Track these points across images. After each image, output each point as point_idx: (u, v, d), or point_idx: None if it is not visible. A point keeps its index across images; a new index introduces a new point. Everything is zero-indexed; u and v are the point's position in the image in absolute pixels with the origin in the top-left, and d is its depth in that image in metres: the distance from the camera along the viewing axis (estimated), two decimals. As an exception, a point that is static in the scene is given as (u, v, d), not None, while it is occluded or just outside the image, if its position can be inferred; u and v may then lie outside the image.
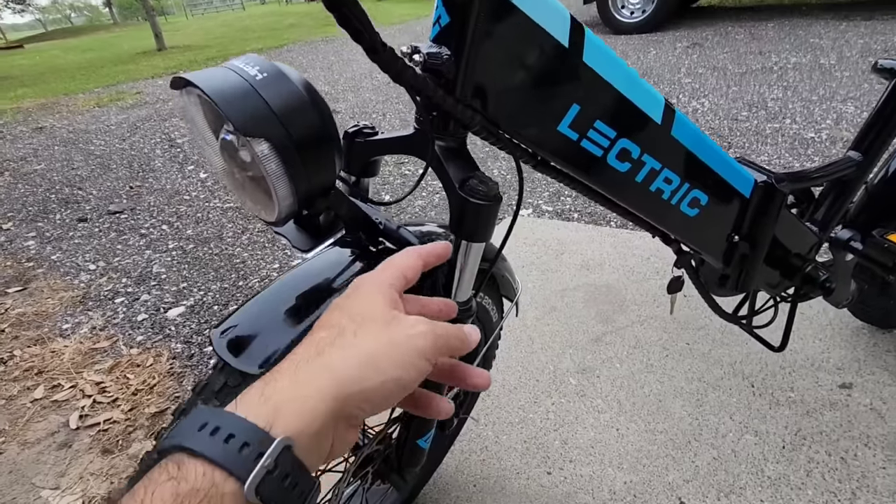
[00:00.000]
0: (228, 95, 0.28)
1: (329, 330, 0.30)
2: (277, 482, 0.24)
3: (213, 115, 0.30)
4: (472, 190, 0.44)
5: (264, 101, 0.29)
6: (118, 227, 2.29)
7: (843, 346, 1.12)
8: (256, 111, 0.28)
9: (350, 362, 0.28)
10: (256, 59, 0.31)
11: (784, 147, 2.20)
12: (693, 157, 0.59)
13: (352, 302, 0.32)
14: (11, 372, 1.43)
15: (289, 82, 0.30)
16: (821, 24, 4.33)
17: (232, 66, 0.30)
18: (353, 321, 0.30)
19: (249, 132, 0.28)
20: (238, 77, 0.29)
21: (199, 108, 0.31)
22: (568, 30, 0.45)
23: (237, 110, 0.28)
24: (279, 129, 0.29)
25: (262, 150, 0.29)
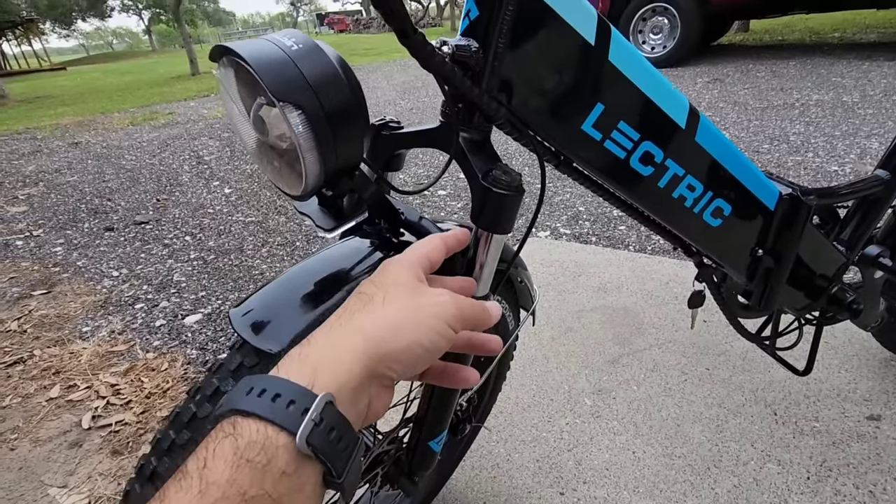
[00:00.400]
0: (265, 62, 0.29)
1: (359, 297, 0.33)
2: (324, 434, 0.26)
3: (248, 86, 0.31)
4: (496, 180, 0.44)
5: (299, 70, 0.30)
6: (143, 236, 2.35)
7: (870, 377, 1.08)
8: (291, 79, 0.29)
9: (379, 325, 0.30)
10: (295, 32, 0.33)
11: (806, 179, 2.18)
12: (717, 164, 0.59)
13: (380, 277, 0.35)
14: (30, 371, 1.45)
15: (324, 56, 0.32)
16: (843, 64, 4.34)
17: (270, 38, 0.31)
18: (381, 290, 0.32)
19: (284, 98, 0.29)
20: (275, 47, 0.30)
21: (232, 79, 0.32)
22: (595, 28, 0.46)
23: (273, 76, 0.29)
24: (312, 99, 0.30)
25: (294, 118, 0.30)
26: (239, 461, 0.24)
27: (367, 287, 0.33)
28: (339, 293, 0.45)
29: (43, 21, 32.08)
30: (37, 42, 22.65)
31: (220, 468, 0.24)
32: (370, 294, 0.32)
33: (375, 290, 0.32)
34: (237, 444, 0.24)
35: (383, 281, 0.33)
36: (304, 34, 0.32)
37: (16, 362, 1.49)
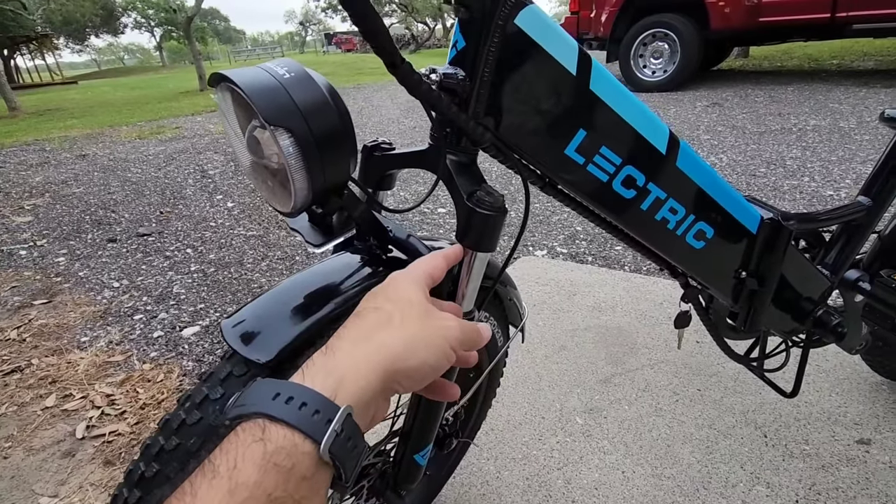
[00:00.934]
0: (258, 89, 0.31)
1: (377, 314, 0.35)
2: (343, 443, 0.28)
3: (243, 109, 0.33)
4: (479, 201, 0.46)
5: (290, 97, 0.32)
6: (145, 248, 2.38)
7: (861, 400, 1.08)
8: (282, 105, 0.32)
9: (398, 342, 0.33)
10: (288, 61, 0.35)
11: (802, 203, 2.20)
12: (698, 189, 0.61)
13: (393, 291, 0.37)
14: (27, 380, 1.46)
15: (314, 83, 0.34)
16: (840, 90, 4.40)
17: (264, 67, 0.34)
18: (398, 308, 0.35)
19: (274, 122, 0.31)
20: (268, 75, 0.33)
21: (231, 102, 0.34)
22: (576, 59, 0.48)
23: (265, 102, 0.31)
24: (302, 123, 0.32)
25: (284, 140, 0.32)
26: (266, 465, 0.26)
27: (383, 303, 0.36)
28: (329, 306, 0.47)
29: (57, 36, 32.78)
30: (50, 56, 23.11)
31: (249, 470, 0.25)
32: (388, 312, 0.34)
33: (392, 308, 0.35)
34: (266, 449, 0.26)
35: (398, 298, 0.36)
36: (296, 63, 0.35)
37: (13, 371, 1.50)
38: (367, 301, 0.37)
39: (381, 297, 0.37)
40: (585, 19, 5.58)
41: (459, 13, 0.44)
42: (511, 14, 0.44)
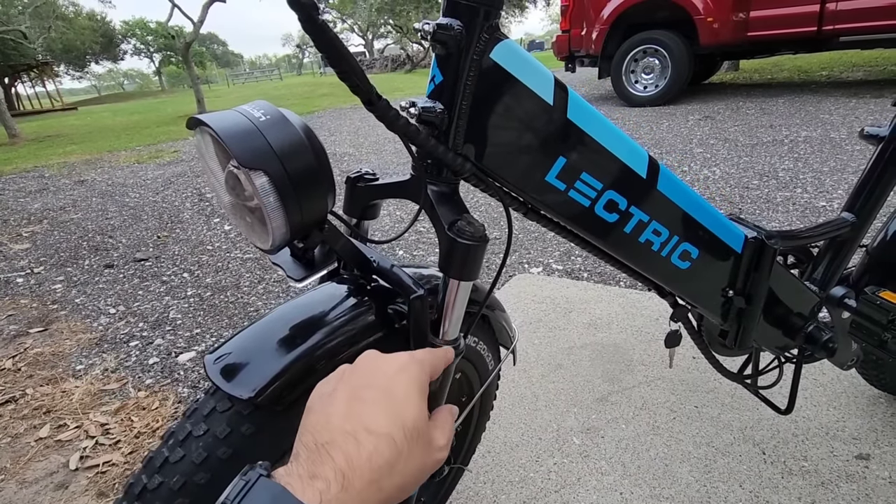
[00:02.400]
0: (234, 133, 0.32)
1: (391, 449, 0.31)
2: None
3: (221, 150, 0.34)
4: (460, 231, 0.47)
5: (265, 139, 0.33)
6: (142, 273, 2.38)
7: (859, 414, 1.08)
8: (258, 148, 0.32)
9: (395, 486, 0.31)
10: (264, 104, 0.36)
11: (795, 214, 2.21)
12: (681, 211, 0.61)
13: (405, 408, 0.33)
14: (21, 410, 1.45)
15: (289, 125, 0.35)
16: (830, 101, 4.46)
17: (240, 110, 0.35)
18: (407, 440, 0.32)
19: (249, 165, 0.32)
20: (244, 118, 0.34)
21: (210, 145, 0.35)
22: (553, 89, 0.49)
23: (241, 146, 0.32)
24: (277, 165, 0.33)
25: (260, 182, 0.33)
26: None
27: (395, 429, 0.32)
28: (314, 338, 0.47)
29: (57, 64, 33.23)
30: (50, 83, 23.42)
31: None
32: (398, 449, 0.31)
33: (402, 439, 0.32)
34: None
35: (408, 420, 0.33)
36: (272, 106, 0.36)
37: (8, 401, 1.49)
38: (384, 415, 0.32)
39: (392, 412, 0.33)
40: (577, 37, 5.67)
41: (436, 49, 0.45)
42: (486, 49, 0.45)
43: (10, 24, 12.03)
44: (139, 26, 52.18)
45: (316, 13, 0.34)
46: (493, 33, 0.45)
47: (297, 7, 0.33)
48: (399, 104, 0.50)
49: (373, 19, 31.26)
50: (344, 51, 0.36)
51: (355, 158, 4.44)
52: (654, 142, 3.80)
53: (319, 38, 0.34)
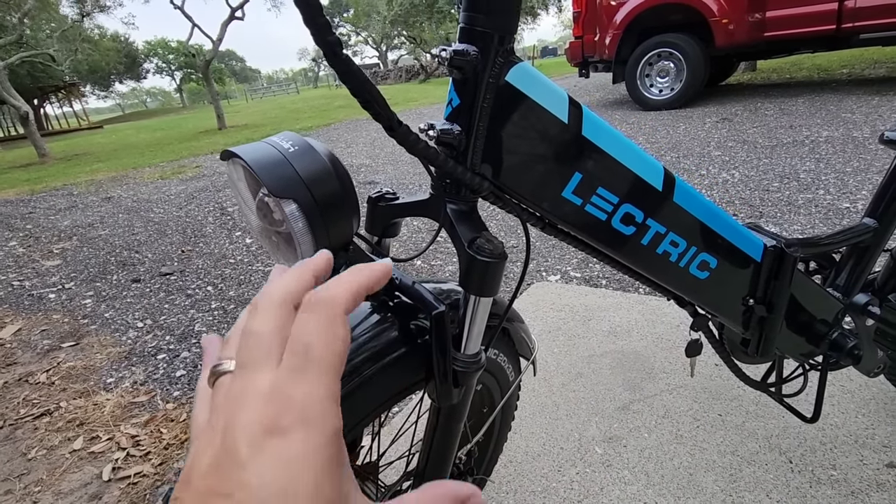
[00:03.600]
0: (265, 164, 0.34)
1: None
2: None
3: (252, 180, 0.36)
4: (480, 248, 0.48)
5: (294, 169, 0.35)
6: (168, 287, 2.44)
7: (889, 422, 1.05)
8: (287, 177, 0.35)
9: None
10: (291, 135, 0.38)
11: (818, 217, 2.17)
12: (697, 221, 0.62)
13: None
14: (56, 423, 1.50)
15: (316, 154, 0.37)
16: (852, 100, 4.37)
17: (270, 141, 0.37)
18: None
19: (280, 194, 0.34)
20: (274, 149, 0.36)
21: (241, 175, 0.37)
22: (567, 108, 0.50)
23: (271, 176, 0.34)
24: (305, 193, 0.35)
25: (290, 209, 0.35)
26: None
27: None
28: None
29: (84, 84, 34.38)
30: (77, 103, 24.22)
31: None
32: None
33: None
34: None
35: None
36: (299, 136, 0.38)
37: (43, 414, 1.55)
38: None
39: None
40: (590, 43, 5.67)
41: (453, 74, 0.47)
42: (502, 72, 0.47)
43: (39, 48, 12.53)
44: (161, 46, 53.78)
45: (340, 49, 0.36)
46: (507, 57, 0.47)
47: (324, 44, 0.35)
48: (418, 126, 0.52)
49: (387, 31, 31.67)
50: (366, 81, 0.38)
51: (372, 169, 4.50)
52: (670, 145, 3.77)
53: (344, 71, 0.37)
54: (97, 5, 15.72)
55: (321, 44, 0.35)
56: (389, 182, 3.97)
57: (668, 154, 3.56)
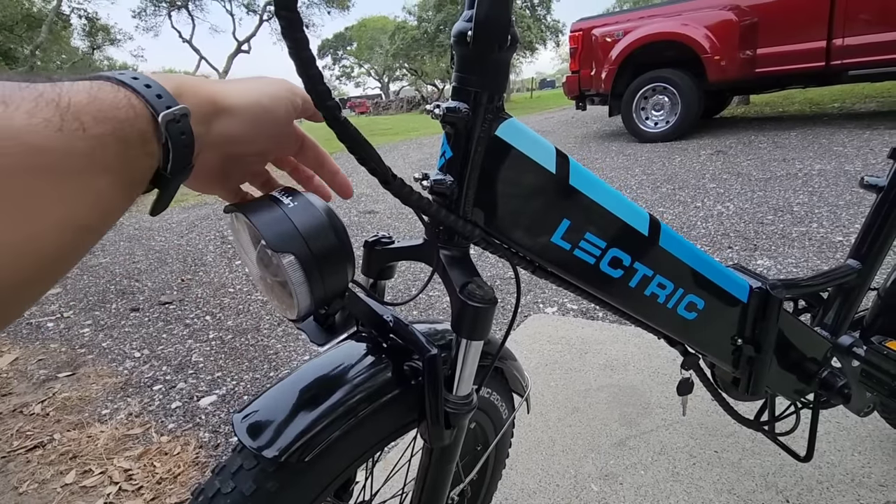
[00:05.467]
0: (265, 220, 0.37)
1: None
2: (178, 132, 0.30)
3: (253, 233, 0.39)
4: (471, 294, 0.50)
5: (293, 224, 0.37)
6: (166, 316, 2.45)
7: (885, 460, 1.05)
8: (285, 232, 0.37)
9: (229, 86, 0.37)
10: (291, 190, 0.40)
11: (812, 250, 2.20)
12: (683, 264, 0.64)
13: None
14: (48, 455, 1.49)
15: (313, 209, 0.39)
16: (844, 133, 4.46)
17: (270, 196, 0.39)
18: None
19: (278, 248, 0.36)
20: (273, 204, 0.38)
21: (243, 227, 0.40)
22: (554, 159, 0.53)
23: (271, 231, 0.36)
24: (303, 247, 0.37)
25: (288, 262, 0.37)
26: (102, 104, 0.26)
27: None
28: (335, 396, 0.50)
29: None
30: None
31: (81, 95, 0.26)
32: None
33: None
34: (109, 94, 0.27)
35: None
36: (299, 192, 0.40)
37: (36, 446, 1.53)
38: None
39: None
40: (586, 77, 5.82)
41: (446, 129, 0.50)
42: (492, 127, 0.49)
43: (48, 79, 12.82)
44: (167, 76, 54.90)
45: (339, 112, 0.38)
46: (497, 113, 0.50)
47: (324, 109, 0.37)
48: (413, 176, 0.54)
49: (389, 64, 32.49)
50: (363, 140, 0.41)
51: (372, 198, 4.55)
52: (666, 177, 3.83)
53: (342, 132, 0.39)
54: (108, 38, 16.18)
55: (321, 109, 0.37)
56: (389, 211, 4.02)
57: (664, 186, 3.61)
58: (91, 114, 0.26)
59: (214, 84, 0.36)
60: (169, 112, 0.29)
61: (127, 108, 0.28)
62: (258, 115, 0.37)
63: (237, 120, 0.36)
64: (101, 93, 0.27)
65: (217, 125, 0.35)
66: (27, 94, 0.24)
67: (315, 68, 0.35)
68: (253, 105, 0.37)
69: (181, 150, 0.30)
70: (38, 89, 0.25)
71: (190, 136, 0.31)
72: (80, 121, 0.25)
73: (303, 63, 0.34)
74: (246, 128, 0.37)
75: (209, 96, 0.34)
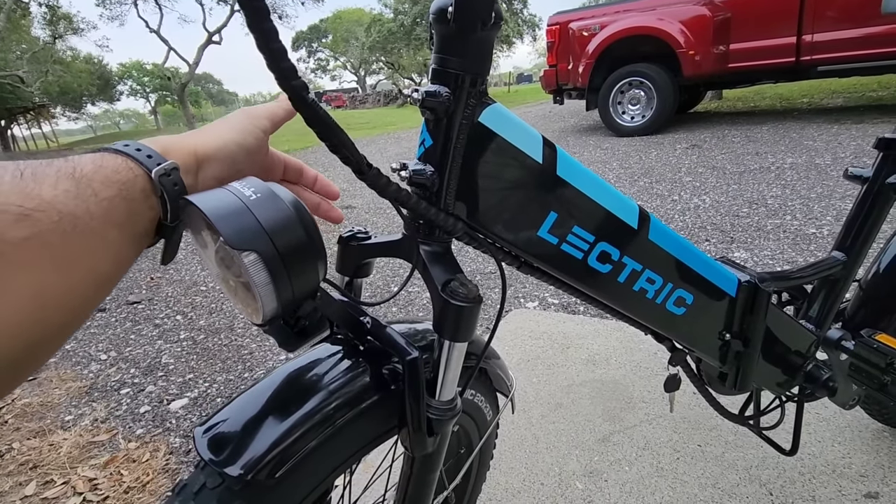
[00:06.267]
0: (223, 213, 0.32)
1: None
2: (171, 184, 0.34)
3: (211, 229, 0.34)
4: (453, 292, 0.47)
5: (255, 218, 0.33)
6: (134, 316, 2.35)
7: (864, 450, 1.06)
8: (247, 227, 0.33)
9: (206, 135, 0.41)
10: (254, 181, 0.36)
11: (786, 242, 2.23)
12: (673, 258, 0.62)
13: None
14: (7, 466, 1.40)
15: (279, 201, 0.35)
16: (813, 128, 4.57)
17: (230, 188, 0.35)
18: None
19: (238, 246, 0.32)
20: (234, 197, 0.34)
21: (201, 222, 0.35)
22: (541, 148, 0.50)
23: (230, 227, 0.32)
24: (267, 243, 0.33)
25: (249, 260, 0.33)
26: (104, 172, 0.32)
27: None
28: (308, 405, 0.46)
29: (54, 106, 33.68)
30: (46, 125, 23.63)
31: (87, 165, 0.31)
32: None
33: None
34: (105, 163, 0.32)
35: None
36: (261, 182, 0.36)
37: (-7, 457, 1.45)
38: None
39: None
40: (564, 71, 5.83)
41: (425, 115, 0.46)
42: (475, 113, 0.46)
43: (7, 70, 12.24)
44: (135, 68, 53.27)
45: (306, 93, 0.34)
46: (480, 98, 0.46)
47: (290, 89, 0.33)
48: (390, 166, 0.50)
49: (365, 57, 32.10)
50: (333, 125, 0.36)
51: (349, 193, 4.48)
52: (643, 171, 3.86)
53: (310, 116, 0.35)
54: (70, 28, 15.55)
55: (286, 89, 0.33)
56: (367, 206, 3.95)
57: (641, 179, 3.64)
58: (99, 180, 0.31)
59: (193, 137, 0.40)
60: (160, 168, 0.34)
61: (126, 171, 0.33)
62: (234, 153, 0.41)
63: (218, 163, 0.40)
64: (105, 161, 0.32)
65: (203, 173, 0.39)
66: (49, 171, 0.29)
67: (286, 60, 0.32)
68: (227, 144, 0.41)
69: (176, 200, 0.35)
70: (55, 165, 0.30)
71: (182, 187, 0.35)
72: (91, 188, 0.30)
73: (272, 54, 0.31)
74: (226, 166, 0.41)
75: (191, 151, 0.38)
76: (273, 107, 0.47)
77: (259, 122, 0.44)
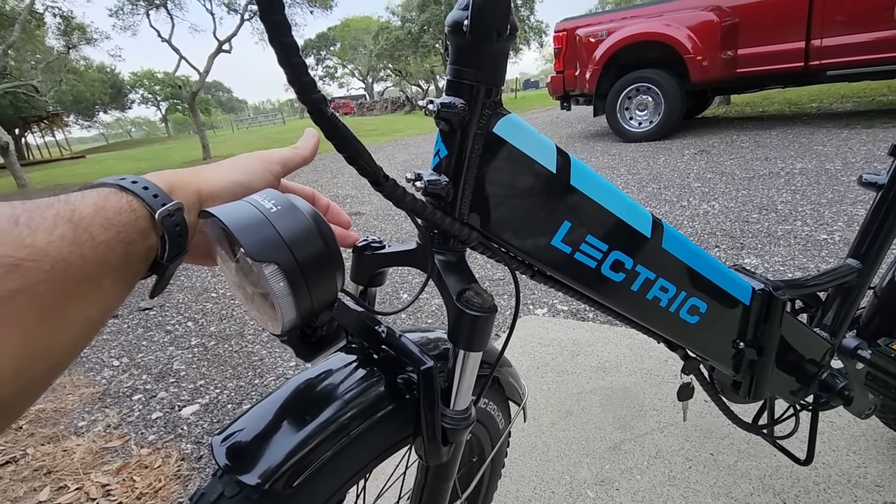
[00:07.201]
0: (244, 225, 0.33)
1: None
2: (172, 225, 0.34)
3: (231, 240, 0.35)
4: (468, 302, 0.47)
5: (276, 230, 0.34)
6: (146, 323, 2.37)
7: (880, 459, 1.04)
8: (267, 239, 0.33)
9: (209, 173, 0.41)
10: (273, 193, 0.37)
11: (797, 248, 2.21)
12: (686, 267, 0.62)
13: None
14: (21, 471, 1.42)
15: (298, 213, 0.36)
16: (823, 132, 4.53)
17: (250, 200, 0.35)
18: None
19: (259, 258, 0.32)
20: (254, 209, 0.34)
21: (221, 233, 0.36)
22: (555, 157, 0.50)
23: (251, 239, 0.33)
24: (287, 255, 0.34)
25: (270, 272, 0.33)
26: (105, 209, 0.31)
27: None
28: (324, 414, 0.46)
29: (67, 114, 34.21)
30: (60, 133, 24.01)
31: (89, 208, 0.30)
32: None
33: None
34: (108, 201, 0.31)
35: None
36: (281, 194, 0.37)
37: (8, 462, 1.46)
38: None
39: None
40: (571, 77, 5.84)
41: (440, 125, 0.47)
42: (489, 124, 0.46)
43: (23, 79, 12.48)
44: (147, 77, 54.05)
45: (326, 107, 0.35)
46: (494, 109, 0.46)
47: (309, 103, 0.34)
48: (405, 176, 0.51)
49: (373, 64, 32.34)
50: (351, 137, 0.37)
51: (358, 200, 4.50)
52: (651, 177, 3.85)
53: (329, 128, 0.36)
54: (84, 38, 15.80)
55: (306, 102, 0.34)
56: (375, 213, 3.97)
57: (649, 185, 3.63)
58: (99, 223, 0.30)
59: (199, 175, 0.40)
60: (164, 209, 0.33)
61: (128, 212, 0.32)
62: (238, 193, 0.40)
63: (220, 203, 0.39)
64: (107, 202, 0.31)
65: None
66: (47, 215, 0.28)
67: (307, 75, 0.33)
68: (232, 185, 0.41)
69: (176, 240, 0.35)
70: (55, 208, 0.29)
71: (183, 226, 0.35)
72: (89, 231, 0.29)
73: (292, 68, 0.32)
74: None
75: (196, 189, 0.38)
76: (288, 153, 0.47)
77: (271, 166, 0.45)
